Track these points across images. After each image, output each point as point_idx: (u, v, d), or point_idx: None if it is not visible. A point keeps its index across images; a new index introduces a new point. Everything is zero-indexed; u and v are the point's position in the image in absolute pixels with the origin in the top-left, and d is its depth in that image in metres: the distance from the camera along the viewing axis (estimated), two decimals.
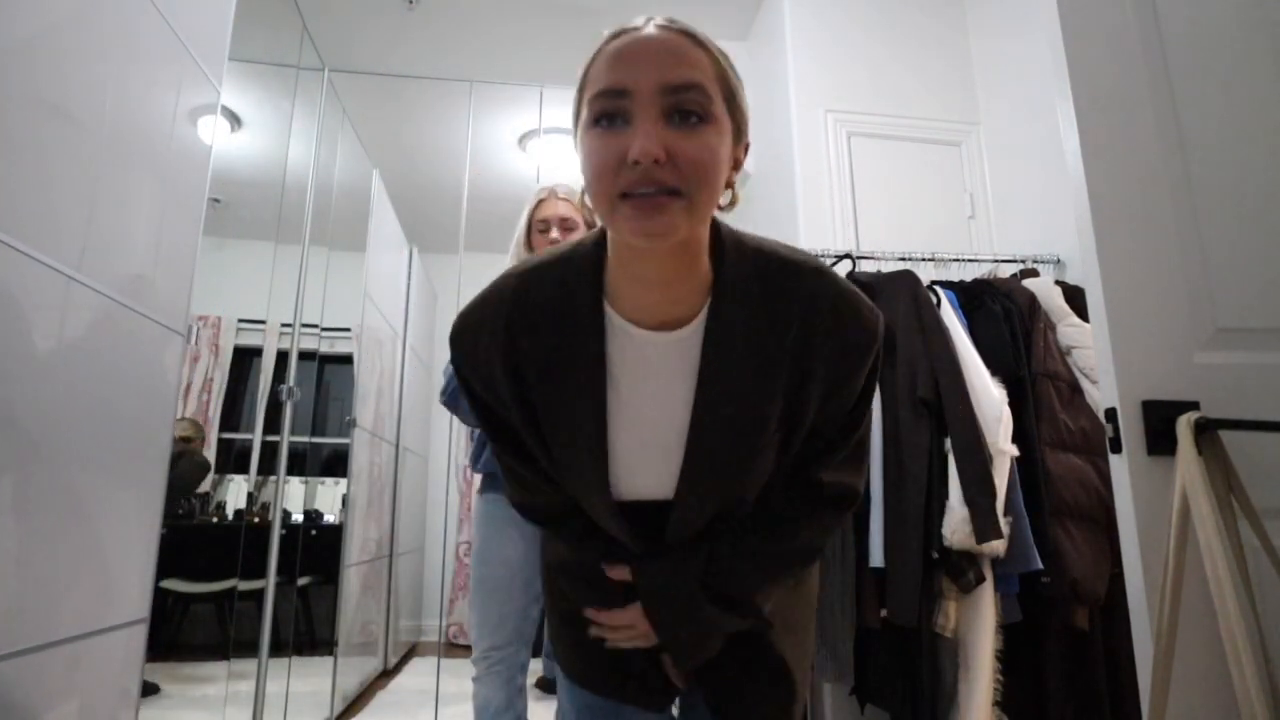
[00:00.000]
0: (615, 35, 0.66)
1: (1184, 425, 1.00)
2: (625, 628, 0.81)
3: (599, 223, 0.71)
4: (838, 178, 2.49)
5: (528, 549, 1.51)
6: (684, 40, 0.65)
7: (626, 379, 0.73)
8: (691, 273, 0.70)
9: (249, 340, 3.20)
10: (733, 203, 0.72)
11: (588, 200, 0.67)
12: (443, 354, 1.10)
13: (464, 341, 0.76)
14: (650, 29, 0.65)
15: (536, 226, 1.67)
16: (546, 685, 3.00)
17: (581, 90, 0.67)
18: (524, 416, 0.75)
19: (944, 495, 1.59)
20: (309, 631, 3.21)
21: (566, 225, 1.64)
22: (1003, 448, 1.60)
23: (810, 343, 0.71)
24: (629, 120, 0.62)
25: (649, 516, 0.78)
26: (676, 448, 0.74)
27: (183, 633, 2.71)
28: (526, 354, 0.72)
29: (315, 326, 2.73)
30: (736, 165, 0.69)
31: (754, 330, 0.71)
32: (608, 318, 0.73)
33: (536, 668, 2.99)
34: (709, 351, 0.71)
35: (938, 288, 1.87)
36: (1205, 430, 0.99)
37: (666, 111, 0.62)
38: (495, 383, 0.75)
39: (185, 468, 2.69)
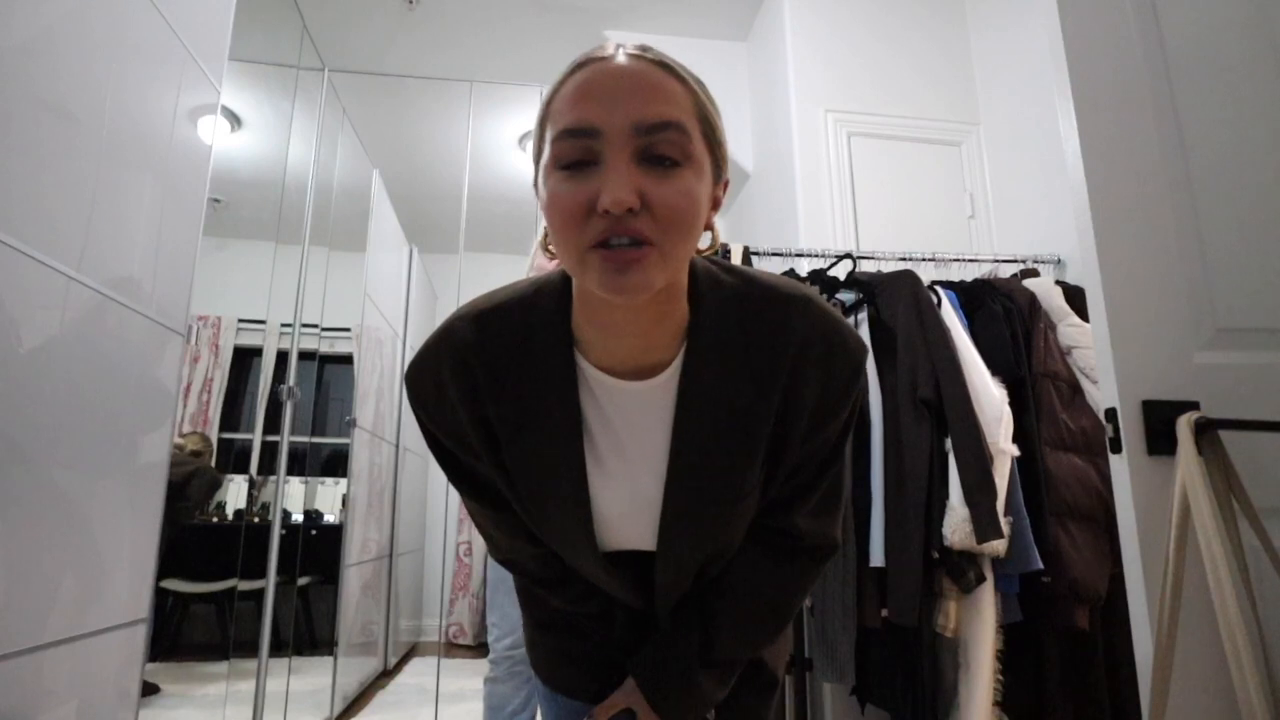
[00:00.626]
0: (580, 65, 0.59)
1: (1184, 425, 1.00)
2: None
3: None
4: (838, 178, 2.49)
5: None
6: (659, 72, 0.57)
7: (601, 431, 0.69)
8: (666, 319, 0.65)
9: (249, 340, 3.20)
10: (712, 245, 0.65)
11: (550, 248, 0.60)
12: None
13: (423, 391, 0.69)
14: (621, 58, 0.57)
15: None
16: None
17: (542, 126, 0.60)
18: (498, 471, 0.70)
19: (944, 495, 1.59)
20: (309, 631, 3.22)
21: None
22: (1003, 448, 1.60)
23: (803, 374, 0.66)
24: (598, 162, 0.55)
25: (637, 565, 0.76)
26: (657, 499, 0.70)
27: (183, 633, 2.71)
28: (494, 407, 0.66)
29: (315, 326, 2.73)
30: (715, 205, 0.63)
31: (732, 373, 0.66)
32: (579, 367, 0.67)
33: None
34: (683, 399, 0.66)
35: (938, 288, 1.87)
36: (1205, 430, 0.99)
37: (640, 153, 0.55)
38: (463, 435, 0.69)
39: (198, 487, 2.66)
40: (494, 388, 0.66)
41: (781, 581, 0.77)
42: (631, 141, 0.55)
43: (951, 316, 1.77)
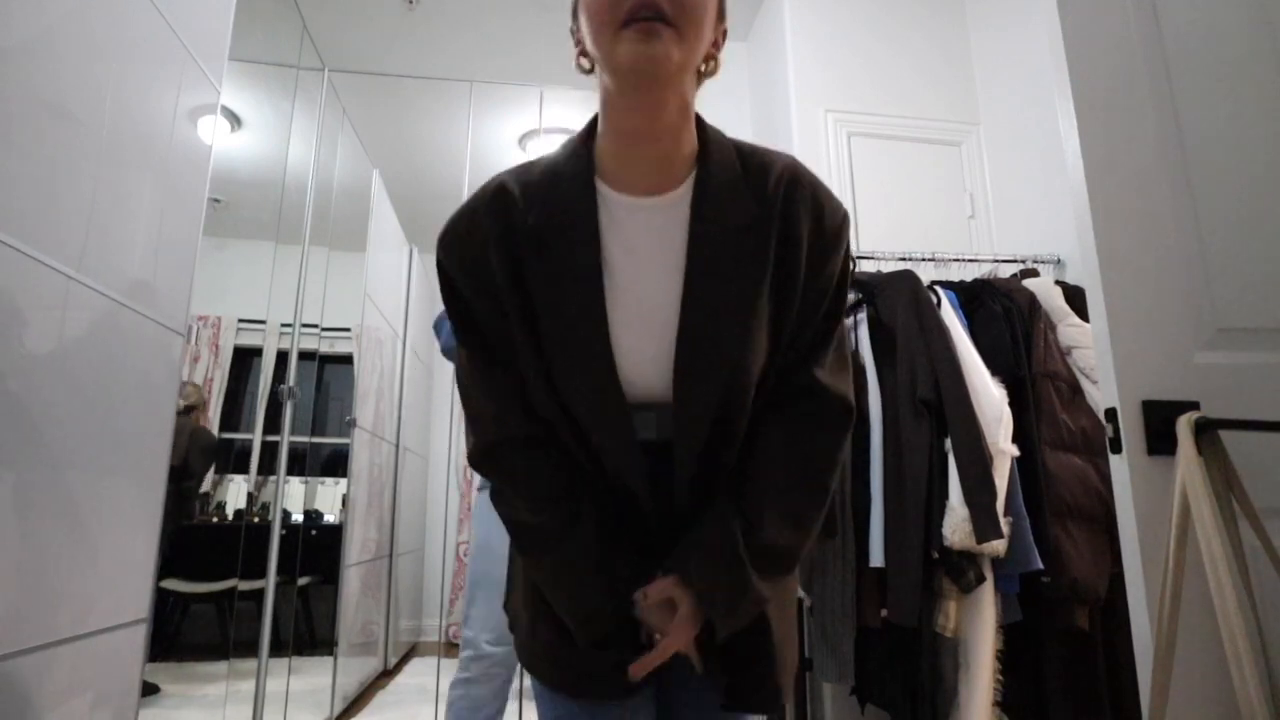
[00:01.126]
0: None
1: (1184, 425, 1.00)
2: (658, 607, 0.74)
3: None
4: (838, 178, 2.49)
5: None
6: None
7: (619, 253, 0.74)
8: (679, 131, 0.74)
9: (249, 340, 3.20)
10: (712, 72, 0.77)
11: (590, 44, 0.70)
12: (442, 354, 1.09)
13: (457, 230, 0.76)
14: None
15: None
16: None
17: None
18: (519, 304, 0.73)
19: (944, 495, 1.59)
20: (309, 631, 3.22)
21: None
22: (1003, 448, 1.60)
23: (795, 210, 0.74)
24: None
25: (655, 459, 0.75)
26: (672, 324, 0.73)
27: (183, 633, 2.71)
28: (521, 228, 0.73)
29: (315, 326, 2.73)
30: (716, 44, 0.75)
31: (738, 194, 0.74)
32: (599, 192, 0.75)
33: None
34: (696, 212, 0.73)
35: (938, 288, 1.87)
36: (1205, 430, 0.99)
37: None
38: (488, 270, 0.74)
39: (196, 457, 2.54)
40: (524, 212, 0.74)
41: (809, 452, 0.78)
42: None
43: (951, 317, 1.77)
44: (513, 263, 0.73)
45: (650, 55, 0.66)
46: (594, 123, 0.77)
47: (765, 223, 0.73)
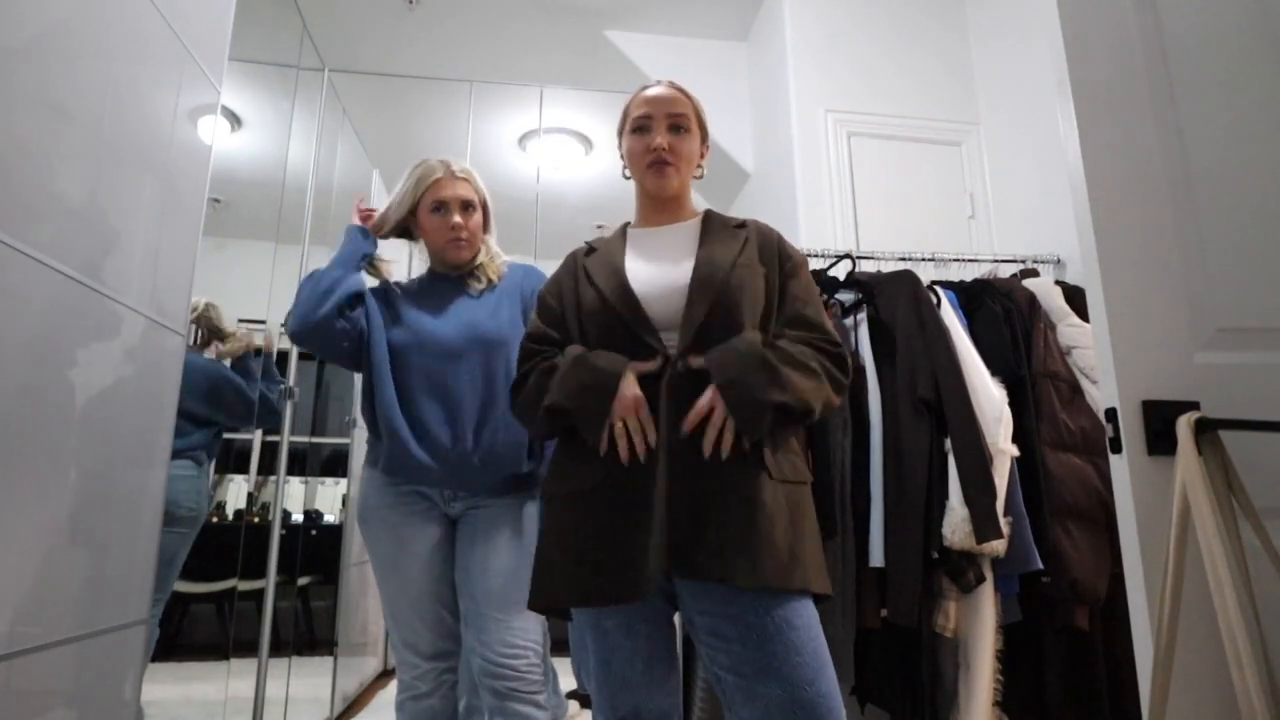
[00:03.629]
0: (643, 89, 1.27)
1: (1184, 425, 1.00)
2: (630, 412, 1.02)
3: (490, 202, 1.60)
4: (838, 178, 2.49)
5: (440, 537, 1.41)
6: (677, 92, 1.25)
7: (636, 252, 1.21)
8: (682, 203, 1.26)
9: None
10: (699, 176, 1.29)
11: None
12: None
13: (549, 288, 1.26)
14: (661, 88, 1.25)
15: (429, 206, 1.49)
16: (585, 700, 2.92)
17: (625, 116, 1.27)
18: (573, 310, 1.17)
19: (944, 495, 1.59)
20: (309, 631, 3.21)
21: (468, 208, 1.51)
22: (1003, 448, 1.60)
23: (764, 242, 1.20)
24: (651, 130, 1.22)
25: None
26: (685, 272, 1.12)
27: (183, 633, 2.70)
28: (586, 260, 1.22)
29: None
30: (702, 155, 1.28)
31: (730, 233, 1.20)
32: (628, 232, 1.27)
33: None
34: (706, 225, 1.22)
35: (938, 288, 1.87)
36: (1205, 430, 0.99)
37: (669, 126, 1.22)
38: (562, 300, 1.21)
39: (229, 394, 2.01)
40: (587, 256, 1.24)
41: (806, 339, 1.12)
42: (665, 121, 1.22)
43: (951, 316, 1.77)
44: (574, 287, 1.20)
45: (662, 185, 1.22)
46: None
47: (748, 243, 1.19)
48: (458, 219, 1.49)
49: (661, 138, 1.18)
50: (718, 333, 1.06)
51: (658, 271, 1.14)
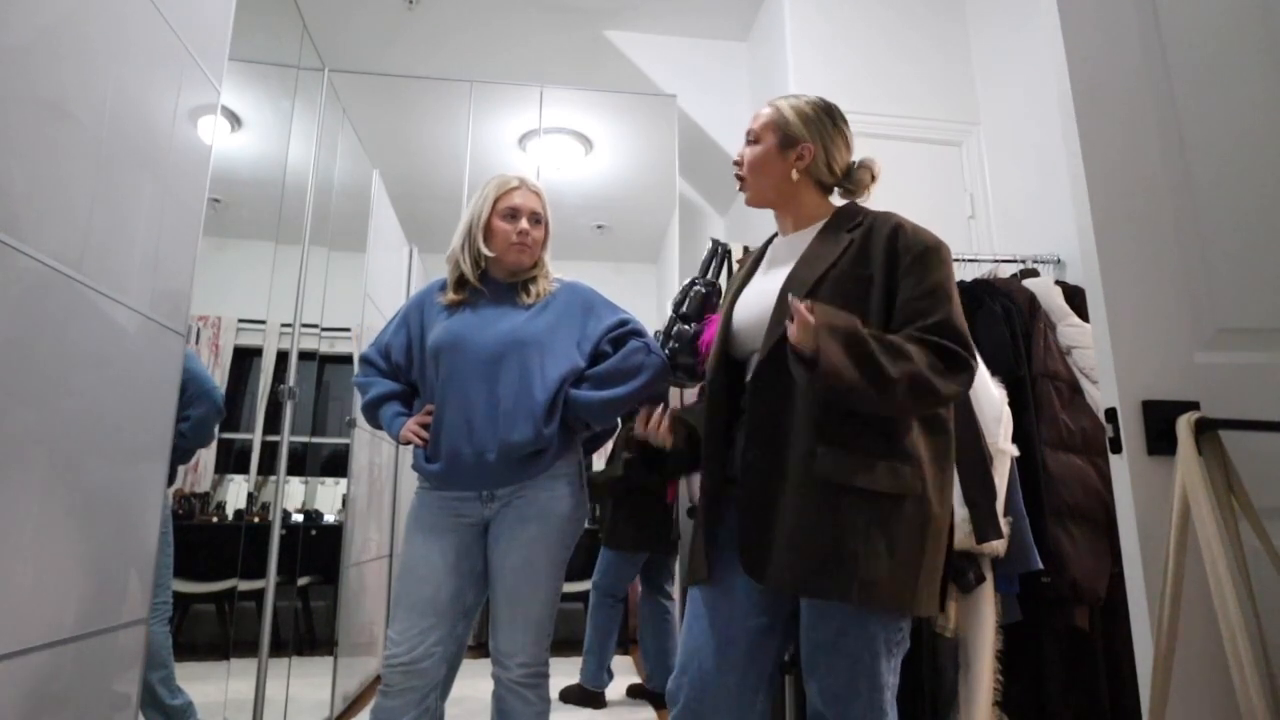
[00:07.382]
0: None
1: (1184, 425, 1.00)
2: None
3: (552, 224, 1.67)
4: None
5: (458, 559, 1.49)
6: (766, 108, 1.38)
7: (772, 258, 1.36)
8: (788, 204, 1.34)
9: (249, 340, 3.19)
10: (805, 171, 1.32)
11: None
12: None
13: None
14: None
15: (503, 212, 1.59)
16: (573, 695, 2.88)
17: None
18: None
19: None
20: (309, 631, 3.21)
21: (536, 220, 1.61)
22: (1003, 448, 1.60)
23: (872, 241, 1.20)
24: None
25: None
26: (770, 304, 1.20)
27: (183, 633, 2.71)
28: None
29: (315, 326, 2.73)
30: (800, 157, 1.30)
31: (838, 228, 1.26)
32: (774, 241, 1.40)
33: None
34: (821, 233, 1.27)
35: None
36: (1205, 430, 0.99)
37: (748, 139, 1.36)
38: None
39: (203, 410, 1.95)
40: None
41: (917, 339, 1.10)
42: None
43: None
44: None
45: (745, 198, 1.37)
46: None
47: (847, 244, 1.21)
48: (525, 225, 1.59)
49: (738, 152, 1.38)
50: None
51: (752, 292, 1.30)
